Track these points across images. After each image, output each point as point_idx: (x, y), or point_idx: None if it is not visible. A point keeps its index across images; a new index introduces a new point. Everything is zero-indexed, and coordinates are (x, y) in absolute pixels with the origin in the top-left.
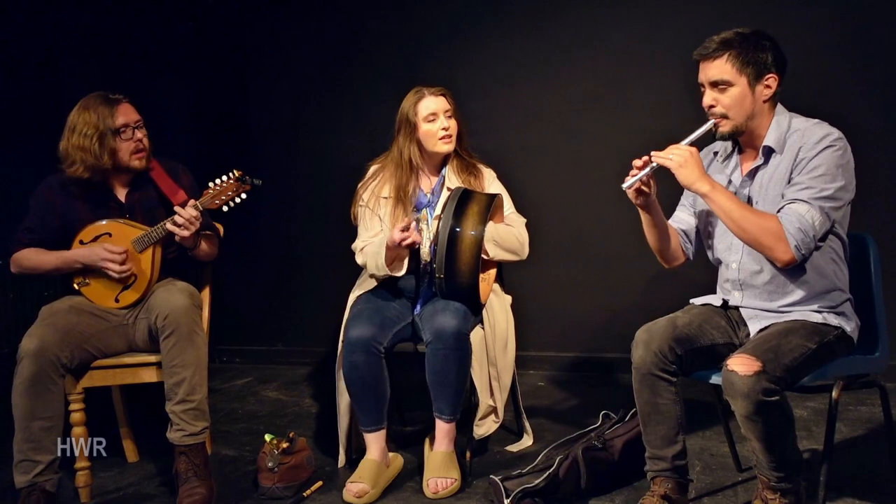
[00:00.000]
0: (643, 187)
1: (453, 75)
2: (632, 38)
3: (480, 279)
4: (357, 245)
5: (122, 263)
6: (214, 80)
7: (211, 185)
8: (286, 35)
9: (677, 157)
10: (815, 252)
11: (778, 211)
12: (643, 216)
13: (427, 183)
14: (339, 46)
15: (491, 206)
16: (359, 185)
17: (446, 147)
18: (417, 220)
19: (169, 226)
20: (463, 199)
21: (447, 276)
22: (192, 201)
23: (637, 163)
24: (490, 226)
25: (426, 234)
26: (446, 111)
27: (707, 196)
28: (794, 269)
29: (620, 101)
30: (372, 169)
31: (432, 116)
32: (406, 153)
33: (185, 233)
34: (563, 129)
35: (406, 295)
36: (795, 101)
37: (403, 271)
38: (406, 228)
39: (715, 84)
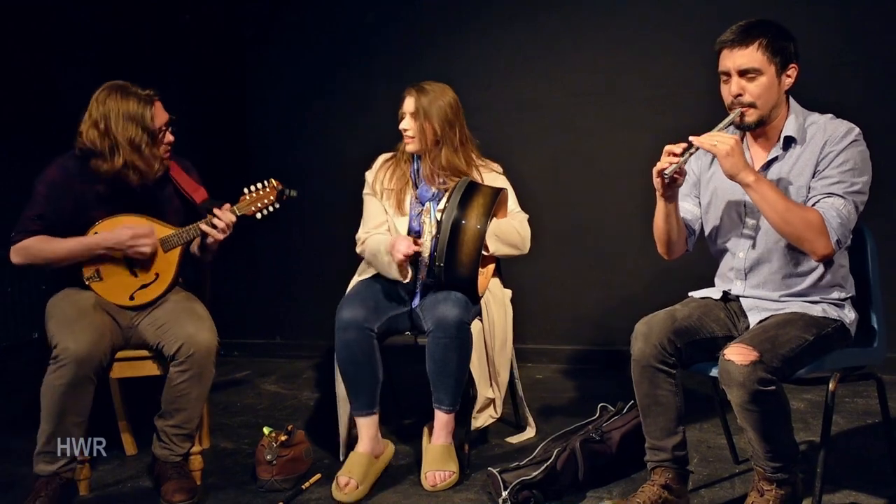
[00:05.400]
0: (675, 175)
1: (453, 68)
2: (632, 30)
3: (479, 273)
4: (360, 235)
5: (150, 237)
6: (213, 75)
7: (246, 191)
8: (284, 30)
9: (723, 144)
10: None
11: (812, 205)
12: (663, 206)
13: (432, 178)
14: (337, 40)
15: (496, 201)
16: (367, 172)
17: (409, 147)
18: (424, 230)
19: (204, 227)
20: (469, 191)
21: (447, 265)
22: (227, 205)
23: (671, 149)
24: (492, 221)
25: (427, 227)
26: (412, 112)
27: (751, 186)
28: (804, 261)
29: (621, 94)
30: (382, 158)
31: (401, 115)
32: (402, 147)
33: (221, 236)
34: (563, 123)
35: (404, 286)
36: (794, 94)
37: (409, 277)
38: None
39: (744, 73)
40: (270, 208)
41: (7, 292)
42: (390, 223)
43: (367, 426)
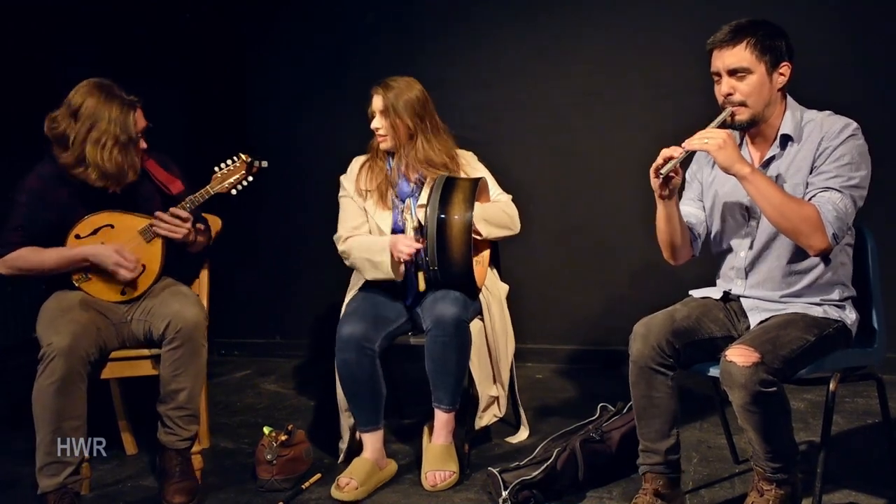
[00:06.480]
0: (671, 174)
1: (453, 68)
2: (630, 30)
3: (475, 262)
4: (341, 234)
5: (133, 271)
6: (212, 72)
7: (217, 169)
8: (284, 30)
9: (714, 139)
10: None
11: (809, 199)
12: (663, 208)
13: (411, 173)
14: (337, 40)
15: (475, 191)
16: (342, 177)
17: (383, 145)
18: (407, 227)
19: (156, 223)
20: (447, 187)
21: (441, 266)
22: (185, 200)
23: (666, 151)
24: (477, 206)
25: (410, 223)
26: (381, 110)
27: (746, 178)
28: (805, 260)
29: (619, 94)
30: (357, 162)
31: (371, 114)
32: (375, 145)
33: (178, 230)
34: (563, 123)
35: (397, 287)
36: (794, 93)
37: (402, 275)
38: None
39: (733, 72)
40: (244, 182)
41: (7, 292)
42: (372, 224)
43: (372, 440)
